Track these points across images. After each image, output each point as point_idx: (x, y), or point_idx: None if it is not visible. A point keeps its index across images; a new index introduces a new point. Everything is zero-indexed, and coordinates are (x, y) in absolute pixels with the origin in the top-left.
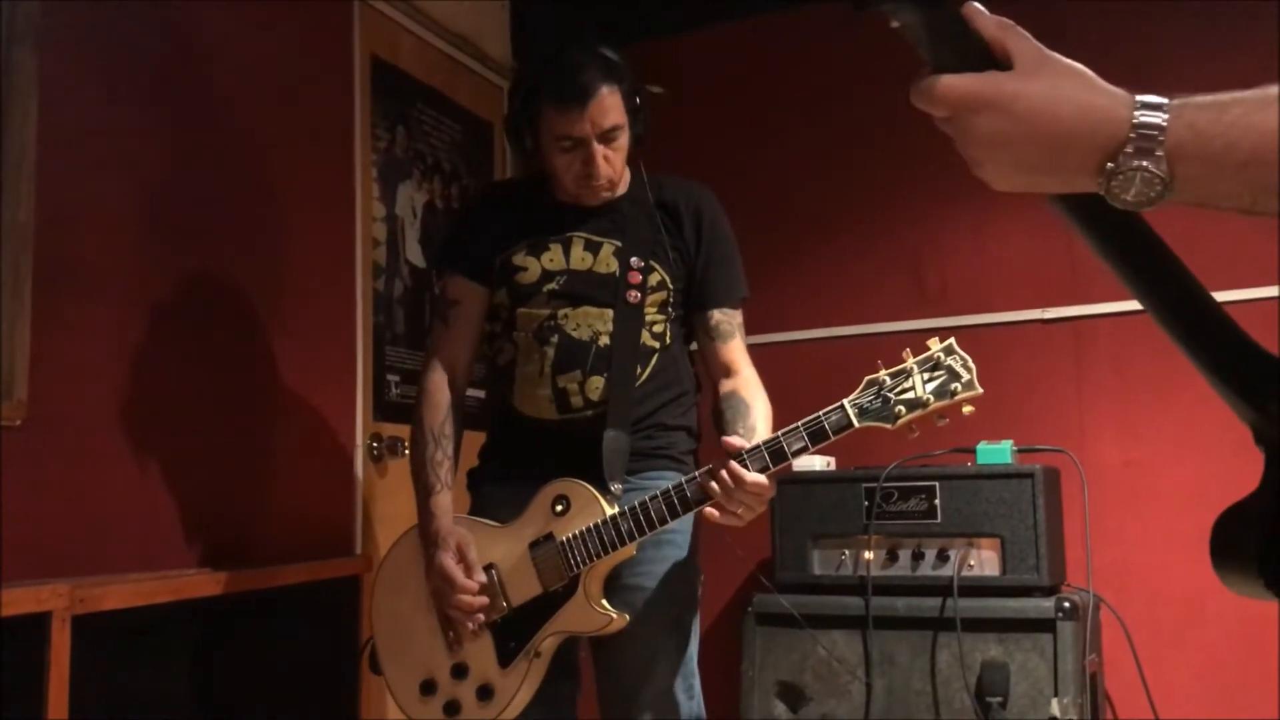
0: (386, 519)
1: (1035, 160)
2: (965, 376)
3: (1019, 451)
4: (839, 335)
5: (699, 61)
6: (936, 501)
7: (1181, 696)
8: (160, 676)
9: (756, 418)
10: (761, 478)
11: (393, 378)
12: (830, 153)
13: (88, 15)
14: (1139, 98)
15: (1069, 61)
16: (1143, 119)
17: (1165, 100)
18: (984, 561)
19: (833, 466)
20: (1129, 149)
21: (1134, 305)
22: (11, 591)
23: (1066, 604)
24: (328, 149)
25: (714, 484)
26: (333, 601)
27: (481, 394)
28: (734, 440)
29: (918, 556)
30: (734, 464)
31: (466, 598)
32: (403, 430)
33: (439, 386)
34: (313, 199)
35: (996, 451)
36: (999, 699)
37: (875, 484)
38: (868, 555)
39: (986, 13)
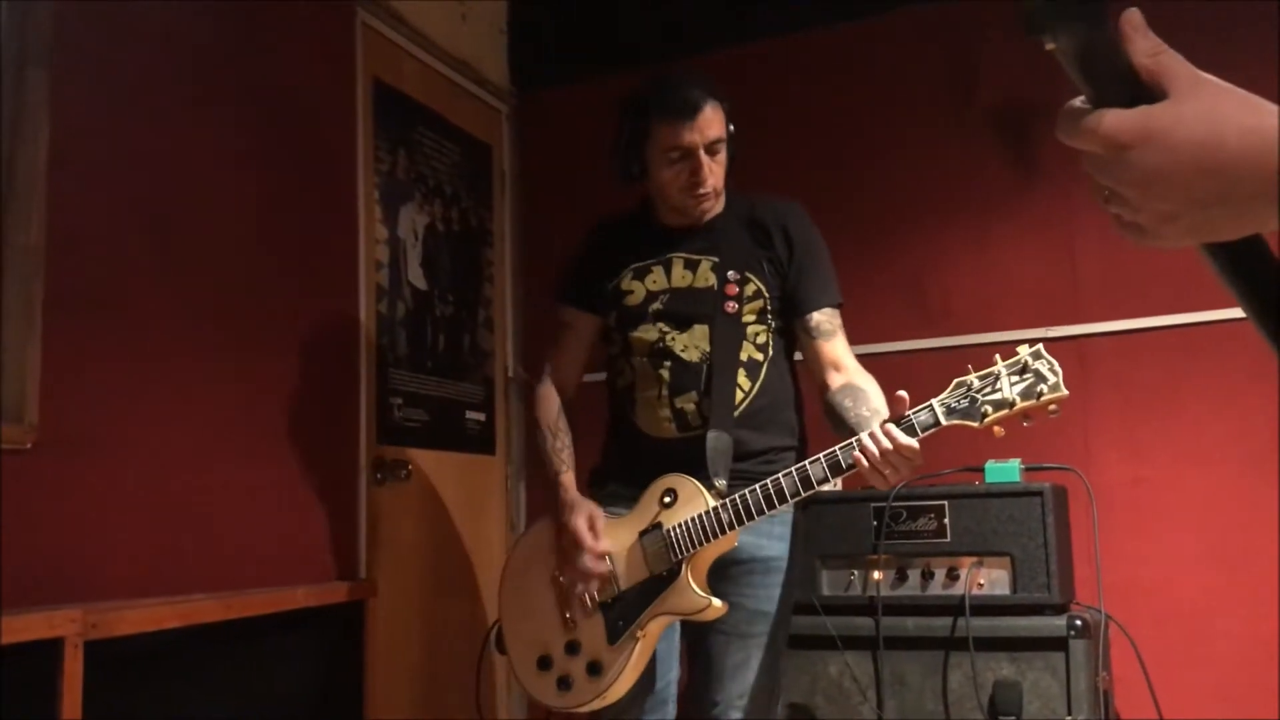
0: (390, 542)
1: (1202, 193)
2: (1052, 379)
3: (1027, 470)
4: None
5: None
6: (945, 520)
7: (1191, 713)
8: (169, 701)
9: (878, 401)
10: (914, 442)
11: (395, 400)
12: (830, 172)
13: (97, 37)
14: None
15: (1224, 84)
16: None
17: None
18: (994, 580)
19: (839, 487)
20: None
21: (1137, 324)
22: (23, 617)
23: (1078, 622)
24: (331, 171)
25: (864, 447)
26: (338, 625)
27: None
28: (903, 395)
29: (927, 576)
30: (889, 425)
31: (590, 560)
32: (406, 453)
33: (550, 393)
34: (316, 221)
35: (1005, 470)
36: (1012, 718)
37: (884, 503)
38: (877, 575)
39: (1135, 36)
